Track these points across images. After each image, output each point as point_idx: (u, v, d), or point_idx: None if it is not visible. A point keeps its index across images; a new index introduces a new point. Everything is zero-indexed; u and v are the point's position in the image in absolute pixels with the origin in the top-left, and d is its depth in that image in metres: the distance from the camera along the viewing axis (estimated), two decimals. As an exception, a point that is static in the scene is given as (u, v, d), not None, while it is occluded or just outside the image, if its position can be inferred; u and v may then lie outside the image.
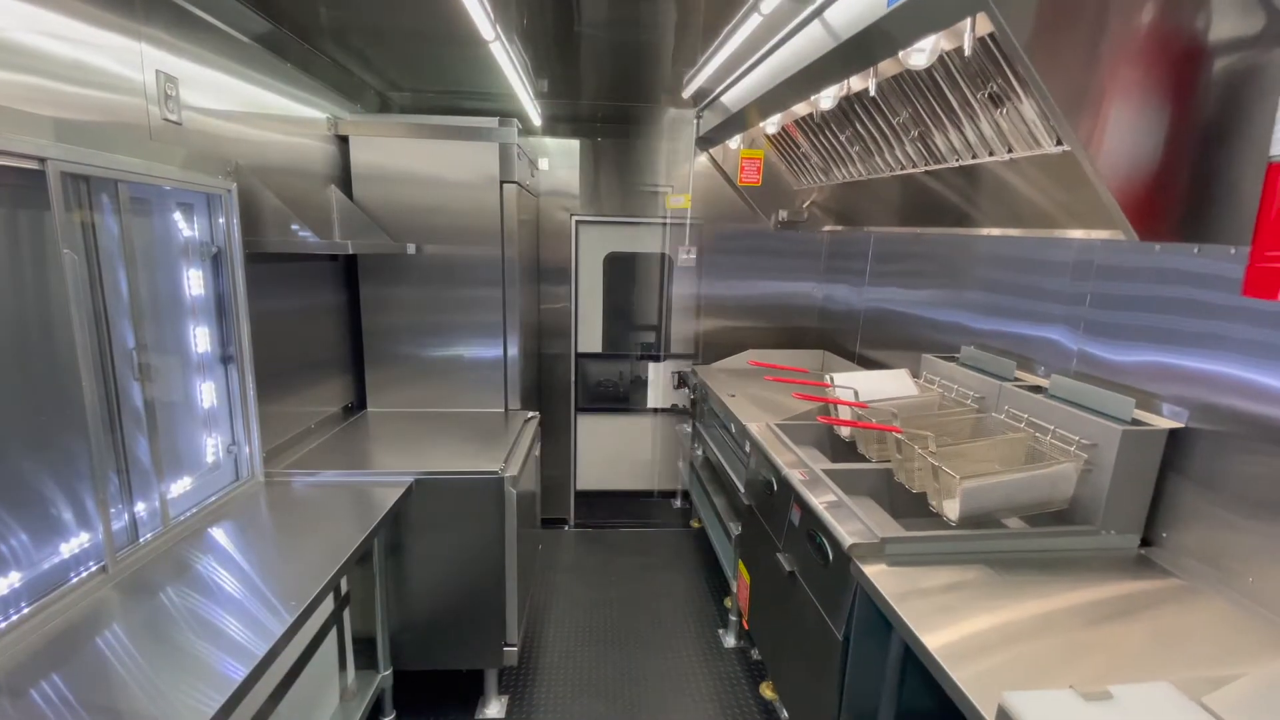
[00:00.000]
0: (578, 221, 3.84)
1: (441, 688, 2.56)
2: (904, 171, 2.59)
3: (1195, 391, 1.63)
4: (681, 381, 3.85)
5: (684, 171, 3.89)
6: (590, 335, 3.99)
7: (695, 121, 3.77)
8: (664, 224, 3.88)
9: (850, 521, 1.75)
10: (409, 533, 2.28)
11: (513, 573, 2.34)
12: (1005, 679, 1.20)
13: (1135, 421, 1.66)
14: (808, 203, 3.73)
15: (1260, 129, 1.37)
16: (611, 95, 3.21)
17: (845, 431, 2.37)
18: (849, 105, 2.50)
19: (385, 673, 2.25)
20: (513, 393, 3.12)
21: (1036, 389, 2.03)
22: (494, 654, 2.39)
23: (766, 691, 2.51)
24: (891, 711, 1.63)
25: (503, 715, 2.46)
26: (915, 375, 2.49)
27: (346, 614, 2.20)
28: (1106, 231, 1.79)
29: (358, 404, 3.04)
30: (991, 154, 2.11)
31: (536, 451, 2.92)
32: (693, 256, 3.95)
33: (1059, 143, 1.65)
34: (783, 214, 3.76)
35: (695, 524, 3.86)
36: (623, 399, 4.05)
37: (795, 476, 2.08)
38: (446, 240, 2.93)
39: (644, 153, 3.77)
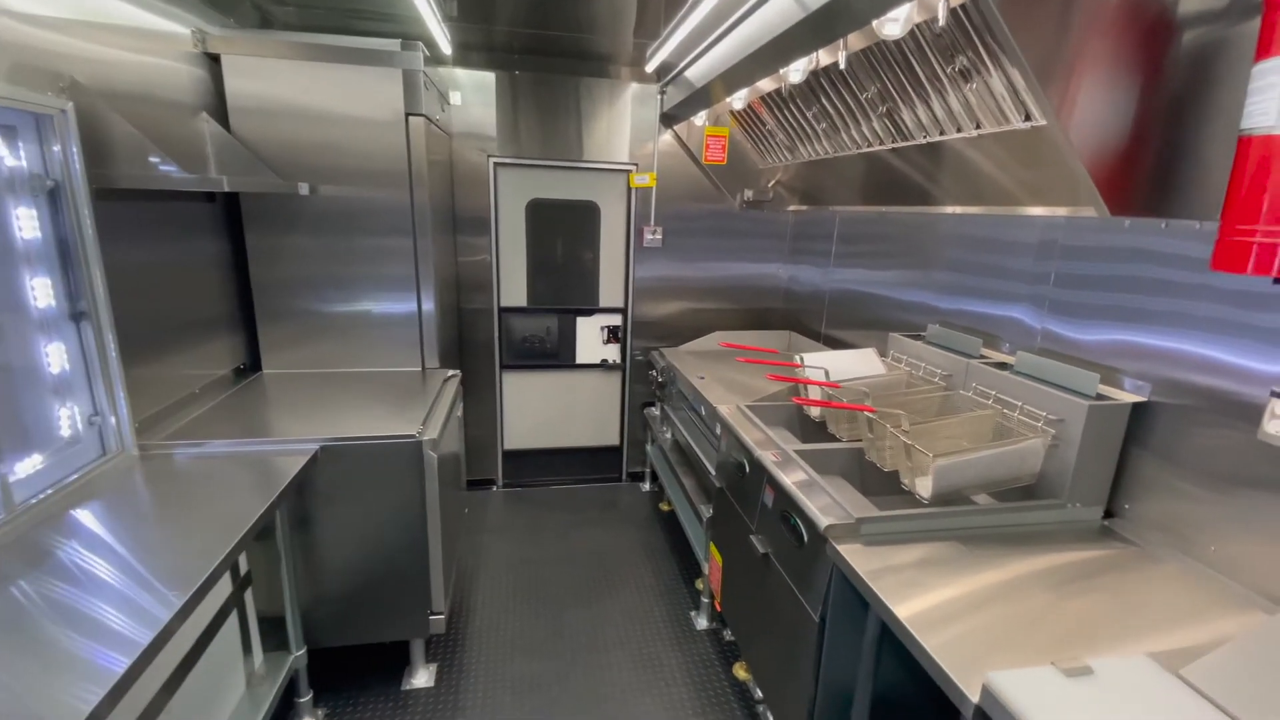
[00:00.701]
0: (496, 164, 3.57)
1: (363, 662, 2.43)
2: (870, 149, 2.57)
3: (1156, 367, 1.68)
4: (655, 372, 3.75)
5: (648, 149, 3.69)
6: (514, 289, 3.78)
7: (659, 97, 3.57)
8: (596, 169, 3.69)
9: (825, 502, 1.75)
10: (318, 504, 2.09)
11: (436, 539, 2.21)
12: (977, 647, 1.23)
13: (1100, 396, 1.71)
14: (773, 182, 3.66)
15: (1226, 103, 1.39)
16: (533, 21, 2.93)
17: (815, 412, 2.37)
18: (816, 80, 2.42)
19: (298, 653, 2.09)
20: (430, 350, 2.91)
21: (1002, 366, 2.07)
22: (419, 623, 2.27)
23: (740, 672, 2.53)
24: (868, 690, 1.65)
25: (431, 684, 2.37)
26: (882, 354, 2.51)
27: (248, 595, 2.01)
28: (1074, 209, 1.79)
29: (251, 365, 2.75)
30: (959, 130, 2.09)
31: (459, 412, 2.76)
32: (659, 237, 3.80)
33: (1027, 118, 1.64)
34: (748, 193, 3.68)
35: (665, 507, 3.84)
36: (551, 355, 3.90)
37: (768, 458, 2.06)
38: (346, 181, 2.63)
39: (569, 89, 3.52)
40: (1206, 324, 1.56)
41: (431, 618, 2.27)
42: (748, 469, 2.22)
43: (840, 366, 2.33)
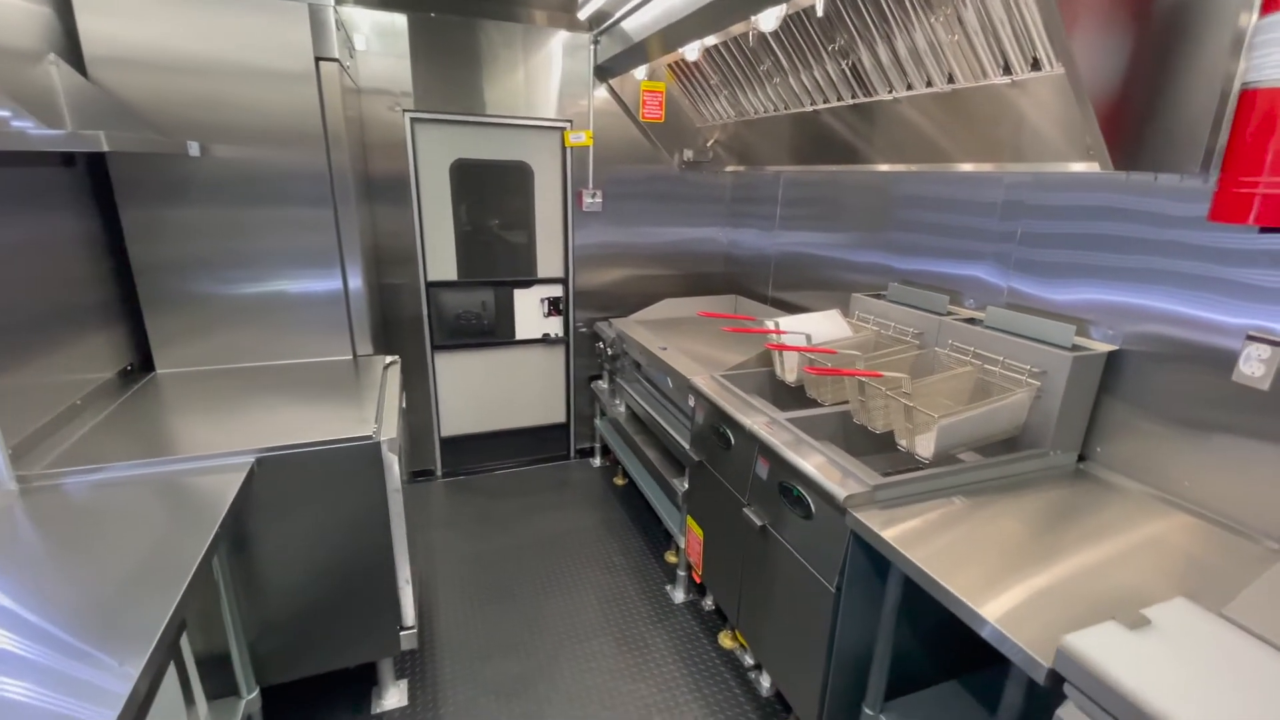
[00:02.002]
0: (414, 120, 3.18)
1: (324, 691, 2.17)
2: (828, 105, 2.48)
3: (1125, 320, 1.76)
4: (604, 344, 3.54)
5: (582, 105, 3.40)
6: (442, 261, 3.45)
7: (591, 48, 3.27)
8: (526, 125, 3.38)
9: (835, 472, 1.71)
10: (259, 524, 1.78)
11: (402, 549, 1.97)
12: (1030, 609, 1.24)
13: (1075, 347, 1.77)
14: (711, 141, 3.51)
15: (1209, 54, 1.40)
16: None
17: (792, 377, 2.31)
18: (785, 28, 2.29)
19: (250, 696, 1.81)
20: (361, 334, 2.58)
21: (971, 321, 2.10)
22: (389, 642, 2.04)
23: (726, 641, 2.49)
24: (888, 652, 1.64)
25: (405, 702, 2.16)
26: (845, 315, 2.48)
27: (183, 640, 1.69)
28: (1067, 164, 1.79)
29: (141, 365, 2.30)
30: (929, 85, 2.04)
31: (403, 403, 2.47)
32: (599, 200, 3.54)
33: (1035, 66, 1.64)
34: (688, 153, 3.53)
35: (620, 481, 3.70)
36: (488, 332, 3.62)
37: (760, 430, 1.99)
38: (245, 141, 2.21)
39: (493, 35, 3.18)
40: (1172, 278, 1.64)
41: (402, 634, 2.04)
42: (734, 440, 2.15)
43: (810, 330, 2.30)
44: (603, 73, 3.35)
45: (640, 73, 3.21)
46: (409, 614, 2.04)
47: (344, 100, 2.40)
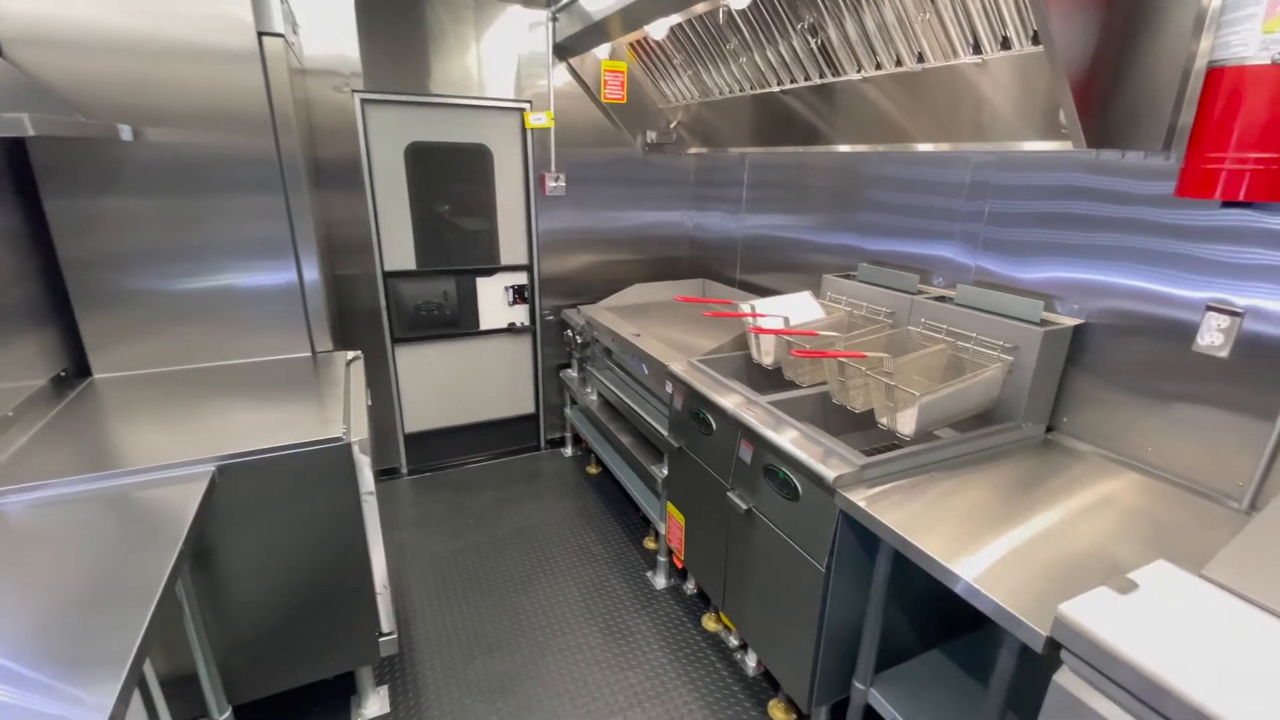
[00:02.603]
0: (364, 101, 3.02)
1: (301, 704, 2.08)
2: (794, 85, 2.46)
3: (1090, 296, 1.82)
4: (572, 332, 3.45)
5: (542, 85, 3.27)
6: (399, 250, 3.30)
7: (549, 25, 3.14)
8: (484, 106, 3.25)
9: (820, 452, 1.72)
10: (223, 535, 1.67)
11: (379, 554, 1.89)
12: (1021, 577, 1.28)
13: (1044, 322, 1.81)
14: (674, 123, 3.45)
15: (1172, 34, 1.43)
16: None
17: (768, 360, 2.31)
18: (755, 8, 2.25)
19: (222, 717, 1.71)
20: (319, 329, 2.44)
21: (942, 299, 2.13)
22: (368, 650, 1.96)
23: (709, 623, 2.50)
24: (877, 626, 1.67)
25: (387, 709, 2.09)
26: (817, 296, 2.49)
27: (147, 664, 1.58)
28: (1041, 142, 1.83)
29: (76, 370, 2.12)
30: (899, 64, 2.04)
31: (369, 401, 2.36)
32: (562, 184, 3.43)
33: (1005, 45, 1.68)
34: (651, 135, 3.45)
35: (593, 470, 3.65)
36: (450, 323, 3.50)
37: (744, 414, 1.98)
38: (182, 125, 2.04)
39: (445, 9, 3.03)
40: (1134, 254, 1.71)
41: (382, 640, 1.97)
42: (716, 426, 2.14)
43: (786, 312, 2.31)
44: (562, 51, 3.24)
45: (602, 51, 3.13)
46: (387, 620, 1.96)
47: (290, 80, 2.24)
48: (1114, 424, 1.81)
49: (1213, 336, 1.57)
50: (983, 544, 1.38)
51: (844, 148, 2.58)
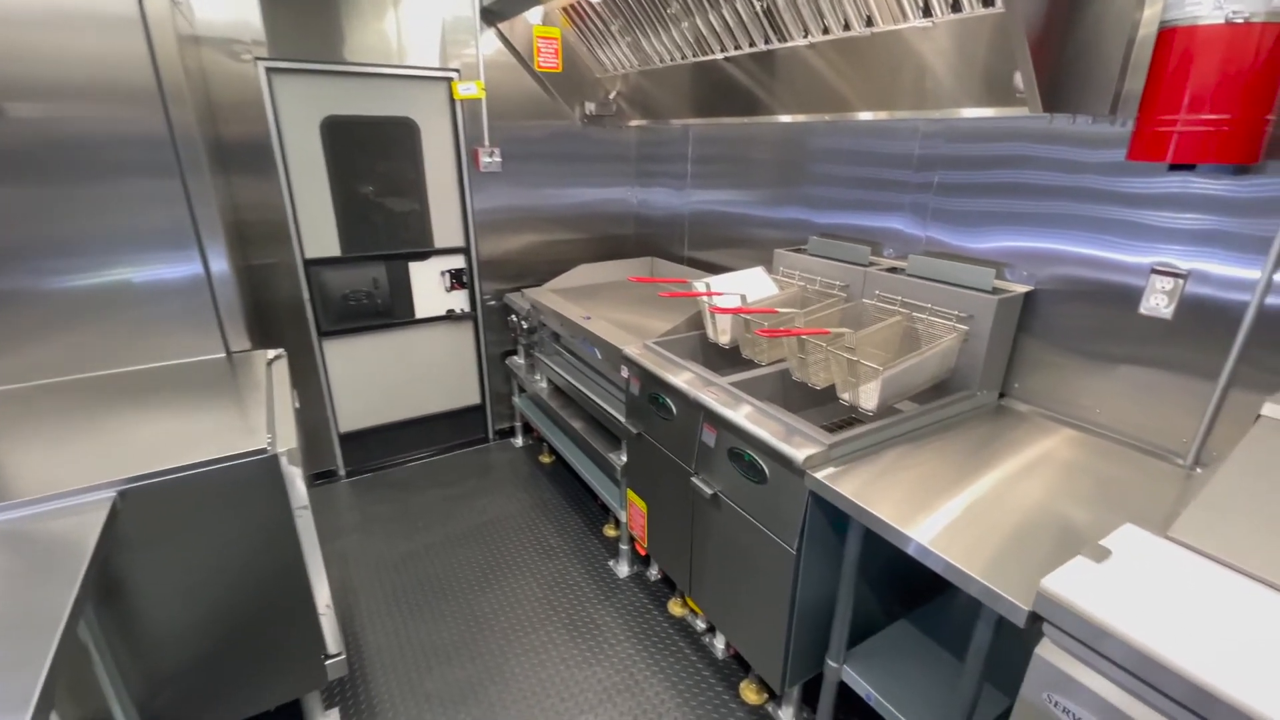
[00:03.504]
0: (270, 71, 2.72)
1: (235, 737, 1.90)
2: (738, 52, 2.35)
3: (1036, 261, 1.83)
4: (517, 317, 3.25)
5: (469, 52, 3.03)
6: (321, 235, 3.03)
7: None
8: (407, 75, 3.00)
9: (789, 434, 1.67)
10: (132, 569, 1.47)
11: (318, 571, 1.72)
12: (984, 545, 1.28)
13: (996, 290, 1.81)
14: (613, 93, 3.27)
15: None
16: None
17: (725, 339, 2.24)
18: None
19: (146, 768, 1.53)
20: (234, 326, 2.20)
21: (894, 271, 2.10)
22: (314, 675, 1.80)
23: (675, 609, 2.44)
24: (849, 603, 1.64)
25: (339, 734, 1.95)
26: (769, 271, 2.43)
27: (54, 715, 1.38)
28: (997, 109, 1.79)
29: (-63, 388, 1.82)
30: (847, 28, 1.97)
31: (296, 403, 2.15)
32: (497, 159, 3.21)
33: (955, 9, 1.64)
34: (589, 106, 3.27)
35: (546, 459, 3.52)
36: (383, 312, 3.27)
37: (706, 397, 1.90)
38: (54, 99, 1.76)
39: (354, -26, 2.76)
40: (1080, 221, 1.73)
41: (328, 663, 1.81)
42: (676, 410, 2.07)
43: (740, 289, 2.25)
44: (490, 16, 3.02)
45: (533, 16, 2.93)
46: (333, 641, 1.81)
47: (181, 48, 1.97)
48: (1063, 387, 1.85)
49: (1157, 299, 1.60)
50: (962, 520, 1.37)
51: (786, 118, 2.52)
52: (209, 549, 1.56)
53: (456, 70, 3.08)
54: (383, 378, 3.39)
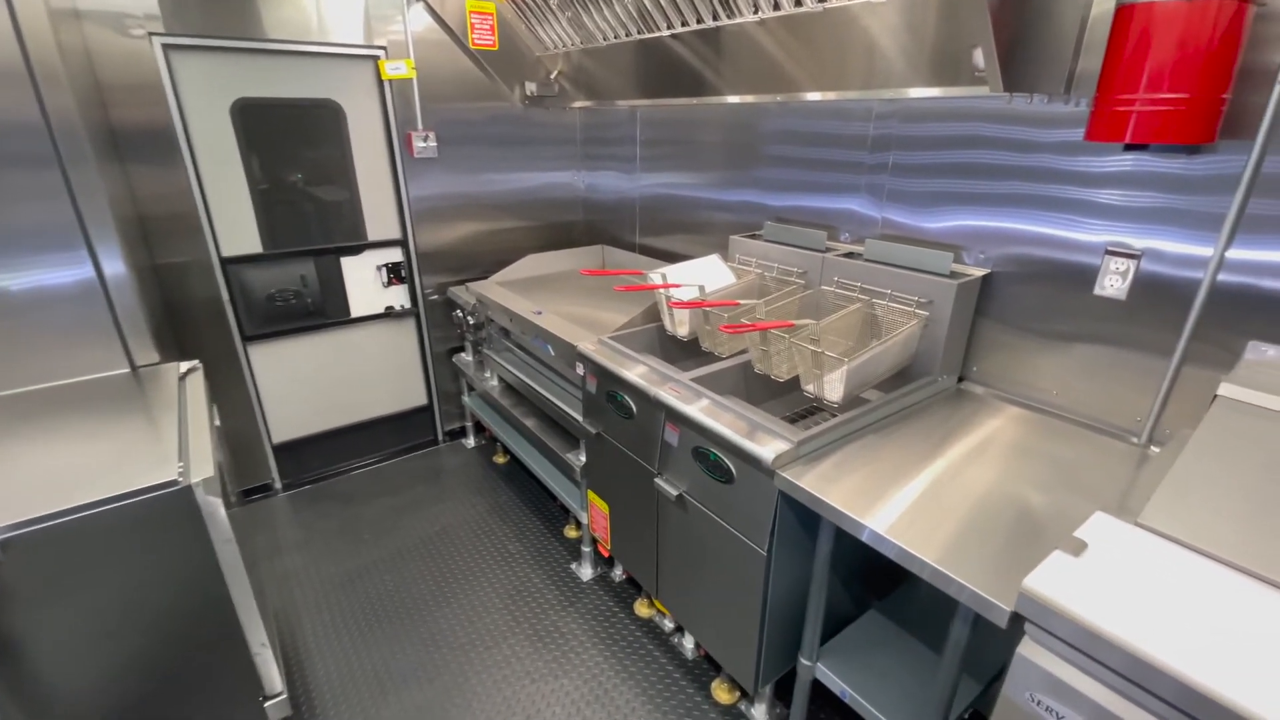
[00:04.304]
0: (167, 48, 2.43)
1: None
2: (686, 29, 2.22)
3: (992, 242, 1.81)
4: (462, 312, 3.05)
5: (397, 28, 2.79)
6: (238, 230, 2.77)
7: None
8: (328, 53, 2.75)
9: (756, 432, 1.60)
10: (27, 624, 1.28)
11: (250, 608, 1.56)
12: (965, 544, 1.24)
13: (954, 273, 1.78)
14: (555, 73, 3.07)
15: None
16: None
17: (683, 330, 2.14)
18: None
19: None
20: (137, 336, 1.97)
21: (851, 255, 2.05)
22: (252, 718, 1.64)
23: (642, 609, 2.36)
24: (821, 601, 1.60)
25: (285, 778, 1.79)
26: (725, 258, 2.35)
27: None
28: (958, 88, 1.73)
29: None
30: (800, 3, 1.87)
31: (216, 419, 1.94)
32: (432, 144, 2.98)
33: None
34: (530, 87, 3.07)
35: (500, 459, 3.36)
36: (315, 312, 3.03)
37: (667, 396, 1.81)
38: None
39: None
40: (1035, 201, 1.71)
41: (268, 705, 1.65)
42: (637, 409, 1.97)
43: (697, 279, 2.17)
44: (418, -12, 2.80)
45: (467, -12, 2.73)
46: (274, 681, 1.65)
47: (53, 22, 1.71)
48: (1020, 369, 1.85)
49: (1112, 278, 1.60)
50: (942, 514, 1.33)
51: (734, 98, 2.44)
52: (118, 595, 1.37)
53: (383, 48, 2.84)
54: (319, 382, 3.16)
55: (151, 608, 1.42)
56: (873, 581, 1.93)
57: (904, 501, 1.38)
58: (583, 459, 2.37)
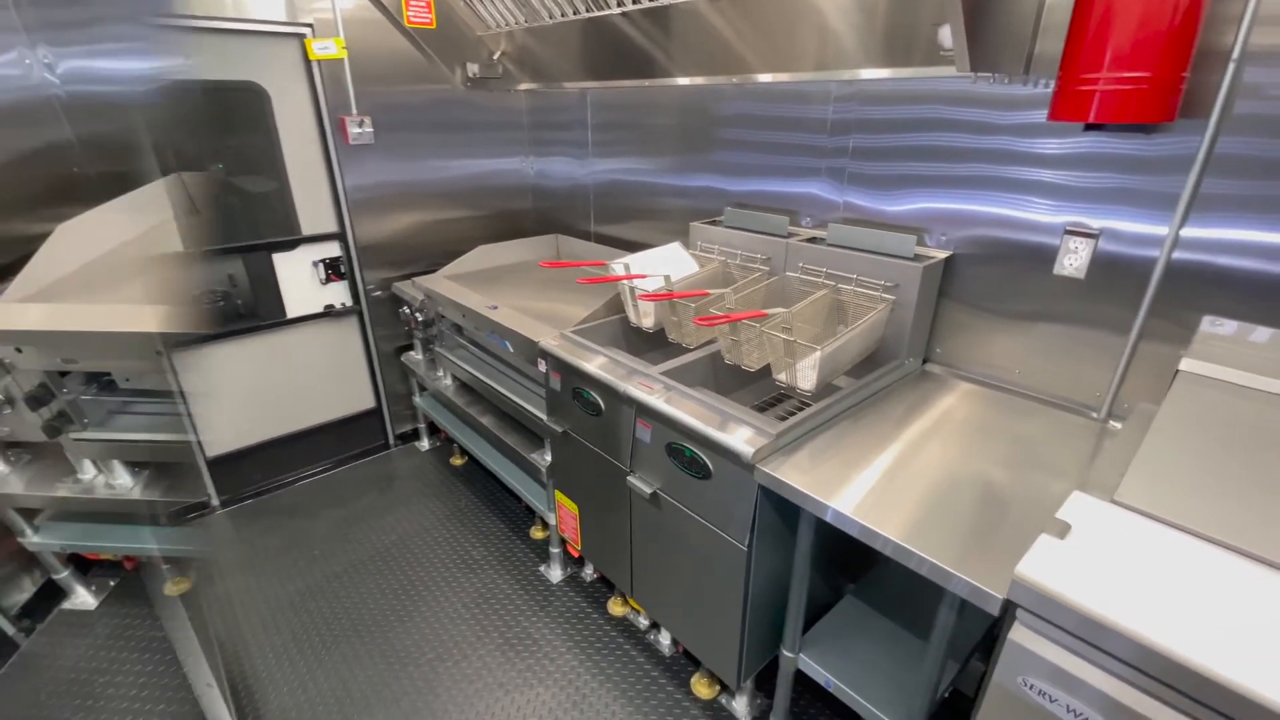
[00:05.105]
0: (57, 26, 2.16)
1: None
2: (636, 6, 2.12)
3: (953, 224, 1.81)
4: (410, 309, 2.86)
5: (325, 5, 2.57)
6: (154, 227, 2.52)
7: None
8: (247, 30, 2.51)
9: (732, 425, 1.56)
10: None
11: (191, 650, 1.41)
12: (950, 532, 1.23)
13: (918, 256, 1.77)
14: (498, 53, 2.91)
15: None
16: None
17: (648, 321, 2.07)
18: None
19: None
20: (42, 352, 1.75)
21: (815, 240, 2.02)
22: (200, 766, 1.50)
23: (616, 608, 2.30)
24: (803, 594, 1.58)
25: (242, 822, 1.66)
26: (686, 246, 2.28)
27: None
28: (924, 69, 1.73)
29: None
30: None
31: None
32: (368, 129, 2.77)
33: None
34: (472, 68, 2.90)
35: (458, 461, 3.22)
36: (246, 313, 2.80)
37: (636, 391, 1.74)
38: None
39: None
40: (994, 183, 1.72)
41: (219, 748, 1.52)
42: (605, 406, 1.90)
43: (660, 269, 2.10)
44: (345, -41, 2.59)
45: (399, -39, 2.54)
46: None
47: None
48: (982, 349, 1.87)
49: (1071, 257, 1.63)
50: (922, 502, 1.32)
51: (684, 80, 2.38)
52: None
53: (309, 25, 2.62)
54: (255, 389, 2.93)
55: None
56: (848, 565, 1.93)
57: (884, 487, 1.37)
58: (548, 458, 2.28)
